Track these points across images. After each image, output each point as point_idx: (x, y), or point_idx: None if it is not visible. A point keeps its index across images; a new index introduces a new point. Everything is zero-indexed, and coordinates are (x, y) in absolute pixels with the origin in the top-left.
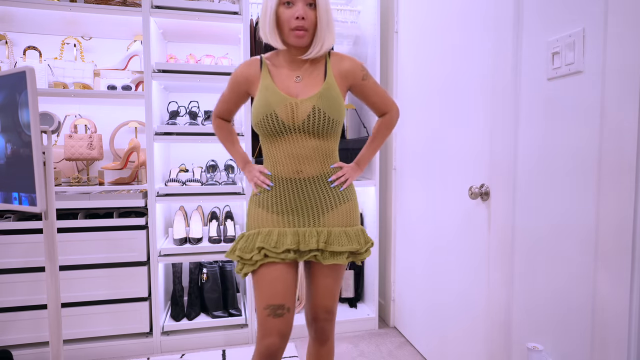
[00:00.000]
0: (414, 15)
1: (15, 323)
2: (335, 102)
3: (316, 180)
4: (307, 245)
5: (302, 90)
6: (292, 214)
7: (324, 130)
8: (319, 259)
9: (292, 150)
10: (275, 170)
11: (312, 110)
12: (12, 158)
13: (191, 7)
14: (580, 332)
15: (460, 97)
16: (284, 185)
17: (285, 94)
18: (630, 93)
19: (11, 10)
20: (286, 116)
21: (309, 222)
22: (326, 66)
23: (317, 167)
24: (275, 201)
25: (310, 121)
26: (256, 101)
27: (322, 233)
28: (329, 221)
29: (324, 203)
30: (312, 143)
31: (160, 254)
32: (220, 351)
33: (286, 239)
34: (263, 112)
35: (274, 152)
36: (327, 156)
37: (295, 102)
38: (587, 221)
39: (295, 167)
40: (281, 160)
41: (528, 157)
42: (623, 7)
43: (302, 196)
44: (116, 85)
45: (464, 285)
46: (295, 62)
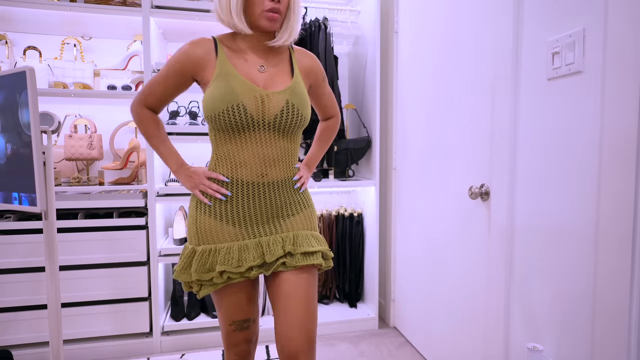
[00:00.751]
0: (414, 15)
1: (15, 323)
2: (306, 99)
3: (280, 184)
4: (273, 255)
5: (268, 81)
6: (253, 224)
7: (294, 128)
8: (289, 265)
9: (257, 151)
10: (234, 174)
11: (286, 106)
12: (12, 158)
13: (191, 7)
14: (580, 332)
15: (460, 97)
16: (245, 191)
17: (252, 84)
18: (630, 93)
19: (11, 10)
20: (255, 110)
21: (270, 230)
22: (291, 59)
23: (282, 170)
24: (232, 211)
25: (282, 117)
26: (215, 89)
27: (288, 237)
28: (291, 226)
29: (286, 209)
30: (280, 143)
31: (160, 254)
32: (220, 351)
33: (248, 255)
34: (227, 103)
35: (234, 152)
36: (292, 158)
37: (266, 94)
38: (587, 221)
39: (260, 169)
40: (243, 162)
41: (528, 157)
42: (623, 7)
43: (265, 203)
44: (116, 85)
45: (464, 285)
46: (257, 49)
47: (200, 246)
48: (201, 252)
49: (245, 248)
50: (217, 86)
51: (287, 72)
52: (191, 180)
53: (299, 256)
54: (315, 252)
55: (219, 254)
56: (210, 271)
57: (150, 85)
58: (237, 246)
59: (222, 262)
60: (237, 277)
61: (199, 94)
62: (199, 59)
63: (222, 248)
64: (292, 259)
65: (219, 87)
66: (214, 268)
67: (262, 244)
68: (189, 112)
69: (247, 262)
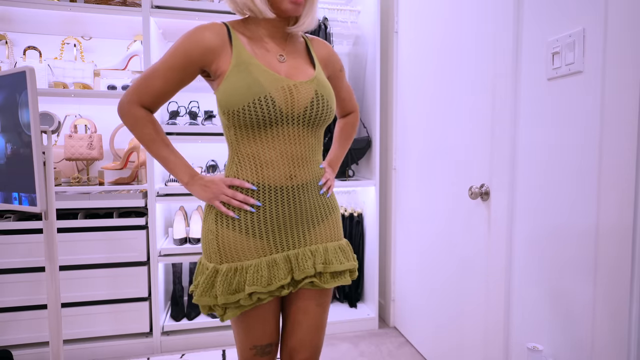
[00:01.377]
0: (414, 15)
1: (15, 323)
2: (331, 90)
3: (307, 187)
4: (302, 272)
5: (290, 72)
6: (281, 234)
7: (323, 122)
8: (317, 285)
9: (285, 149)
10: (260, 177)
11: (315, 97)
12: (12, 158)
13: (191, 7)
14: (580, 332)
15: (460, 97)
16: (272, 197)
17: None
18: (630, 93)
19: (11, 10)
20: (284, 102)
21: (299, 241)
22: (308, 48)
23: (309, 170)
24: (259, 222)
25: (312, 110)
26: (236, 80)
27: (318, 252)
28: (320, 236)
29: (315, 215)
30: (308, 139)
31: (160, 254)
32: (220, 351)
33: (278, 272)
34: (252, 95)
35: (259, 151)
36: (318, 157)
37: (294, 85)
38: (588, 221)
39: (289, 170)
40: (270, 163)
41: (528, 157)
42: (623, 7)
43: (294, 209)
44: (116, 85)
45: (463, 286)
46: (275, 37)
47: (223, 264)
48: (225, 272)
49: (275, 264)
50: (238, 77)
51: (306, 61)
52: (209, 191)
53: (327, 276)
54: (344, 271)
55: (247, 273)
56: (236, 292)
57: (146, 79)
58: (266, 262)
59: (252, 282)
60: (267, 297)
61: (199, 93)
62: (211, 46)
63: (250, 266)
64: (320, 279)
65: (240, 78)
66: (241, 289)
67: (290, 258)
68: (189, 112)
69: (278, 280)
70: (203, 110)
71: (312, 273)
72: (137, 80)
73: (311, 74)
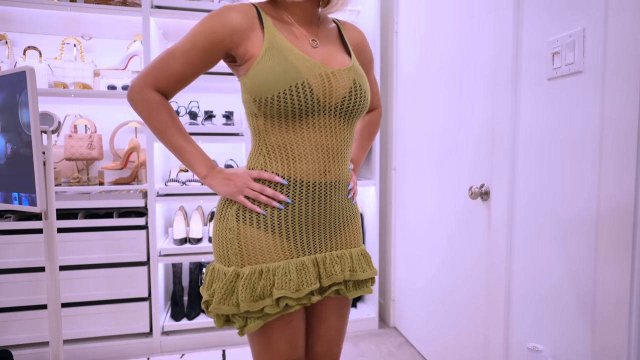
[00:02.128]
0: (414, 15)
1: (15, 323)
2: (366, 80)
3: (339, 185)
4: (331, 278)
5: (325, 58)
6: (310, 235)
7: (359, 113)
8: (342, 293)
9: (320, 141)
10: (291, 171)
11: (354, 86)
12: (12, 158)
13: (191, 7)
14: (580, 332)
15: (460, 97)
16: (303, 193)
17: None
18: (630, 93)
19: (11, 10)
20: (322, 90)
21: (325, 244)
22: (341, 34)
23: (343, 166)
24: (285, 219)
25: (350, 100)
26: (271, 64)
27: (345, 258)
28: (346, 239)
29: (342, 217)
30: (344, 132)
31: (160, 254)
32: (220, 351)
33: (308, 276)
34: (289, 81)
35: (291, 142)
36: (350, 152)
37: (332, 72)
38: (588, 221)
39: (323, 165)
40: (303, 156)
41: (528, 157)
42: (623, 7)
43: (325, 209)
44: (116, 85)
45: (464, 285)
46: (304, 22)
47: (245, 267)
48: (249, 275)
49: (304, 268)
50: (273, 61)
51: (340, 48)
52: (231, 185)
53: (350, 285)
54: (367, 279)
55: (275, 276)
56: (261, 299)
57: (164, 60)
58: (294, 264)
59: (281, 286)
60: (296, 305)
61: (199, 93)
62: (239, 27)
63: (278, 268)
64: (346, 288)
65: (275, 63)
66: (267, 294)
67: (318, 262)
68: (189, 112)
69: (308, 284)
70: (203, 110)
71: (341, 280)
72: (153, 61)
73: (347, 61)
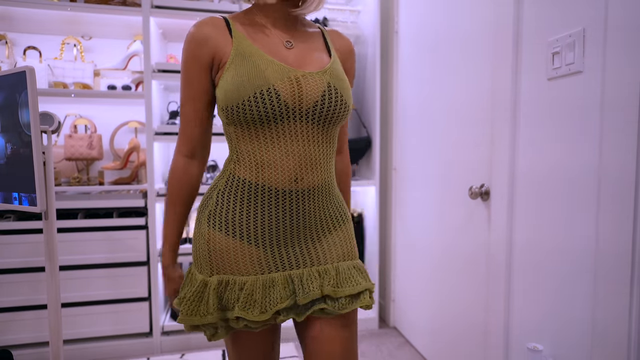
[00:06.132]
0: (414, 15)
1: (15, 323)
2: (347, 85)
3: (315, 192)
4: (308, 296)
5: (299, 60)
6: (280, 245)
7: (336, 120)
8: (330, 311)
9: (292, 148)
10: (259, 178)
11: (327, 90)
12: (12, 158)
13: (191, 7)
14: (580, 332)
15: (460, 97)
16: (272, 200)
17: (282, 63)
18: (630, 93)
19: (11, 10)
20: (290, 95)
21: (303, 258)
22: (325, 38)
23: (319, 173)
24: (255, 226)
25: (324, 105)
26: (235, 73)
27: (328, 273)
28: (330, 252)
29: (322, 225)
30: (319, 139)
31: (160, 254)
32: (220, 351)
33: (274, 294)
34: (253, 88)
35: (260, 149)
36: (331, 160)
37: (302, 75)
38: (588, 220)
39: (294, 172)
40: (272, 163)
41: (528, 157)
42: (623, 7)
43: (297, 217)
44: (116, 85)
45: (464, 285)
46: (280, 23)
47: (213, 276)
48: (216, 285)
49: (272, 284)
50: (238, 69)
51: (321, 49)
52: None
53: (343, 300)
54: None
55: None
56: (225, 310)
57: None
58: (262, 282)
59: (242, 307)
60: (260, 327)
61: None
62: (210, 37)
63: (245, 284)
64: (334, 304)
65: (240, 70)
66: (230, 306)
67: (293, 278)
68: None
69: (274, 304)
70: None
71: (319, 295)
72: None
73: (324, 63)
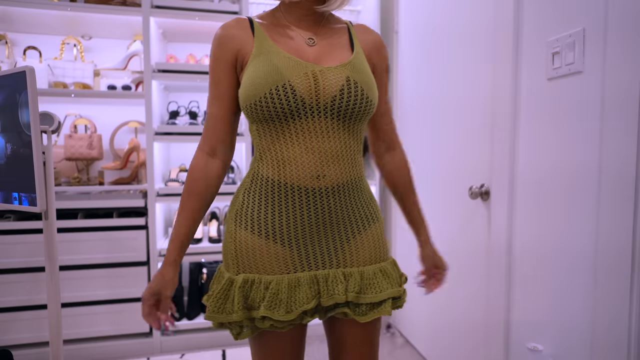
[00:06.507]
0: (414, 15)
1: (15, 323)
2: (371, 79)
3: (340, 190)
4: (332, 298)
5: (320, 56)
6: (307, 244)
7: (358, 115)
8: (350, 316)
9: (312, 144)
10: (281, 175)
11: (347, 83)
12: (12, 158)
13: (191, 7)
14: (580, 332)
15: (460, 97)
16: (295, 198)
17: (299, 59)
18: (630, 93)
19: (11, 10)
20: (307, 90)
21: (329, 258)
22: (350, 34)
23: (344, 169)
24: (280, 224)
25: (343, 99)
26: (253, 71)
27: (353, 277)
28: (357, 254)
29: (348, 225)
30: (341, 133)
31: (160, 254)
32: (220, 351)
33: (300, 294)
34: (269, 84)
35: (279, 146)
36: (357, 157)
37: (320, 70)
38: (588, 221)
39: (315, 169)
40: (293, 159)
41: (528, 157)
42: (623, 7)
43: (322, 215)
44: (116, 85)
45: (463, 285)
46: (304, 22)
47: (239, 275)
48: (242, 284)
49: (297, 285)
50: (256, 67)
51: (344, 45)
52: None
53: (364, 307)
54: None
55: (266, 290)
56: (251, 309)
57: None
58: (287, 282)
59: (268, 306)
60: (286, 327)
61: (199, 93)
62: (234, 38)
63: (270, 283)
64: (356, 310)
65: (257, 68)
66: (255, 305)
67: (318, 279)
68: (189, 112)
69: (299, 305)
70: (203, 110)
71: (343, 300)
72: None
73: (346, 57)
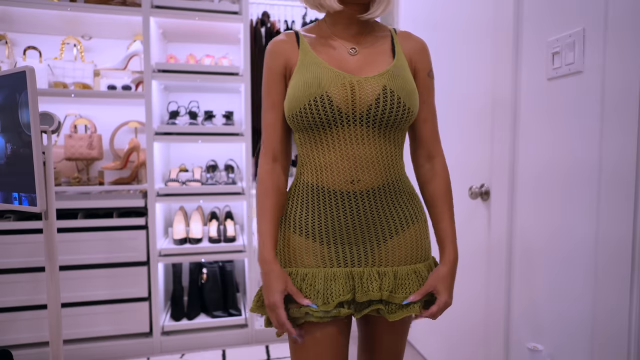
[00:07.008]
0: (414, 16)
1: (15, 323)
2: (410, 85)
3: (376, 193)
4: (366, 294)
5: (361, 65)
6: (344, 244)
7: (395, 122)
8: (383, 314)
9: (346, 151)
10: (319, 180)
11: (382, 93)
12: (12, 158)
13: (191, 7)
14: (580, 332)
15: (460, 97)
16: (331, 201)
17: (339, 70)
18: (630, 93)
19: (11, 10)
20: (344, 100)
21: (365, 257)
22: (393, 42)
23: (378, 174)
24: (319, 225)
25: (378, 108)
26: (295, 83)
27: (387, 276)
28: (392, 254)
29: (385, 226)
30: (377, 141)
31: (160, 254)
32: (220, 351)
33: (336, 286)
34: (309, 96)
35: (318, 153)
36: (394, 161)
37: (357, 81)
38: (588, 220)
39: (350, 174)
40: (329, 165)
41: (528, 157)
42: (623, 7)
43: (358, 218)
44: (116, 85)
45: (463, 285)
46: (347, 33)
47: (286, 269)
48: None
49: (333, 278)
50: (298, 79)
51: (386, 52)
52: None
53: (393, 307)
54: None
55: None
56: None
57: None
58: (323, 274)
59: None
60: (324, 318)
61: (200, 93)
62: (282, 51)
63: (307, 274)
64: (387, 308)
65: (299, 81)
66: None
67: (354, 275)
68: (189, 112)
69: (336, 296)
70: (203, 110)
71: (378, 297)
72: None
73: (385, 66)
